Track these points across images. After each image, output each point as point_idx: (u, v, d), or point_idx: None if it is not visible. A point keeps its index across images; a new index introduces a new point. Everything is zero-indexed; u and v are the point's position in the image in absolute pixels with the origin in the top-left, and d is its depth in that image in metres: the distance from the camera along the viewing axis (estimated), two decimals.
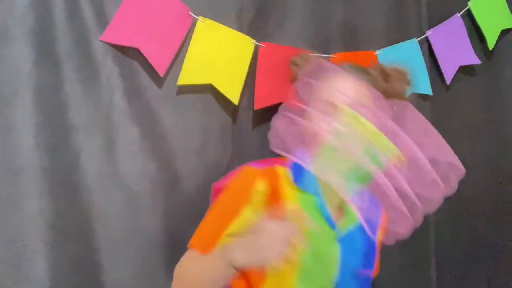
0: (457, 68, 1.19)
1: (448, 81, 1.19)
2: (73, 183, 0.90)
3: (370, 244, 0.89)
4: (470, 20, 1.21)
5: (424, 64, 1.14)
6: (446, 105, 1.21)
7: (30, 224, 0.87)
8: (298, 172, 0.83)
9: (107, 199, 0.92)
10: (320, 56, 0.89)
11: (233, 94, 1.00)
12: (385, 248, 1.10)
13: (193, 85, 0.98)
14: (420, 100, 1.16)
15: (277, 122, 0.79)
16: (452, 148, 1.23)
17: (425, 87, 1.15)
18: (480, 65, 1.22)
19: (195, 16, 0.96)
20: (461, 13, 1.18)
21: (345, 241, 0.85)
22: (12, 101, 0.85)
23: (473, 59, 1.21)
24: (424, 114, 1.16)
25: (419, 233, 1.17)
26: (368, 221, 0.84)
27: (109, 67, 0.92)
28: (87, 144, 0.90)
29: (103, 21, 0.91)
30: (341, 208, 0.86)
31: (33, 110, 0.86)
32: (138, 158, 0.95)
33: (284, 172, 0.83)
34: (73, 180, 0.90)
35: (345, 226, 0.85)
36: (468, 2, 1.19)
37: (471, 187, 1.27)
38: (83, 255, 0.92)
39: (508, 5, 1.26)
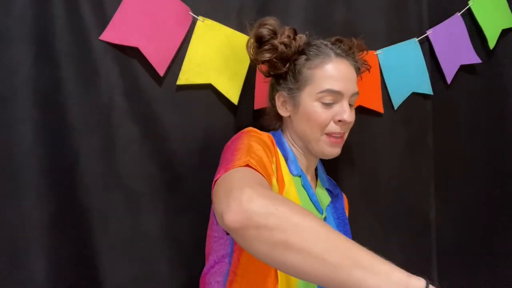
0: (457, 67, 1.19)
1: (448, 81, 1.19)
2: (72, 183, 0.90)
3: (341, 224, 0.88)
4: (470, 19, 1.20)
5: (425, 64, 1.14)
6: (447, 104, 1.21)
7: (29, 224, 0.86)
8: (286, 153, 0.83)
9: (106, 200, 0.92)
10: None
11: (233, 94, 1.00)
12: (386, 248, 1.10)
13: (193, 85, 0.97)
14: (420, 99, 1.16)
15: None
16: (453, 147, 1.23)
17: (425, 87, 1.15)
18: (481, 64, 1.22)
19: (195, 16, 0.96)
20: (461, 12, 1.18)
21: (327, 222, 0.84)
22: (11, 100, 0.85)
23: (473, 59, 1.20)
24: (424, 114, 1.18)
25: (420, 233, 1.18)
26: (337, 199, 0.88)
27: (108, 67, 0.92)
28: (86, 144, 0.90)
29: (103, 20, 0.90)
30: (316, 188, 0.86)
31: (32, 110, 0.86)
32: (138, 158, 0.94)
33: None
34: (72, 180, 0.90)
35: (324, 207, 0.85)
36: (469, 2, 1.18)
37: (472, 186, 1.27)
38: (82, 256, 0.91)
39: (509, 5, 1.26)
